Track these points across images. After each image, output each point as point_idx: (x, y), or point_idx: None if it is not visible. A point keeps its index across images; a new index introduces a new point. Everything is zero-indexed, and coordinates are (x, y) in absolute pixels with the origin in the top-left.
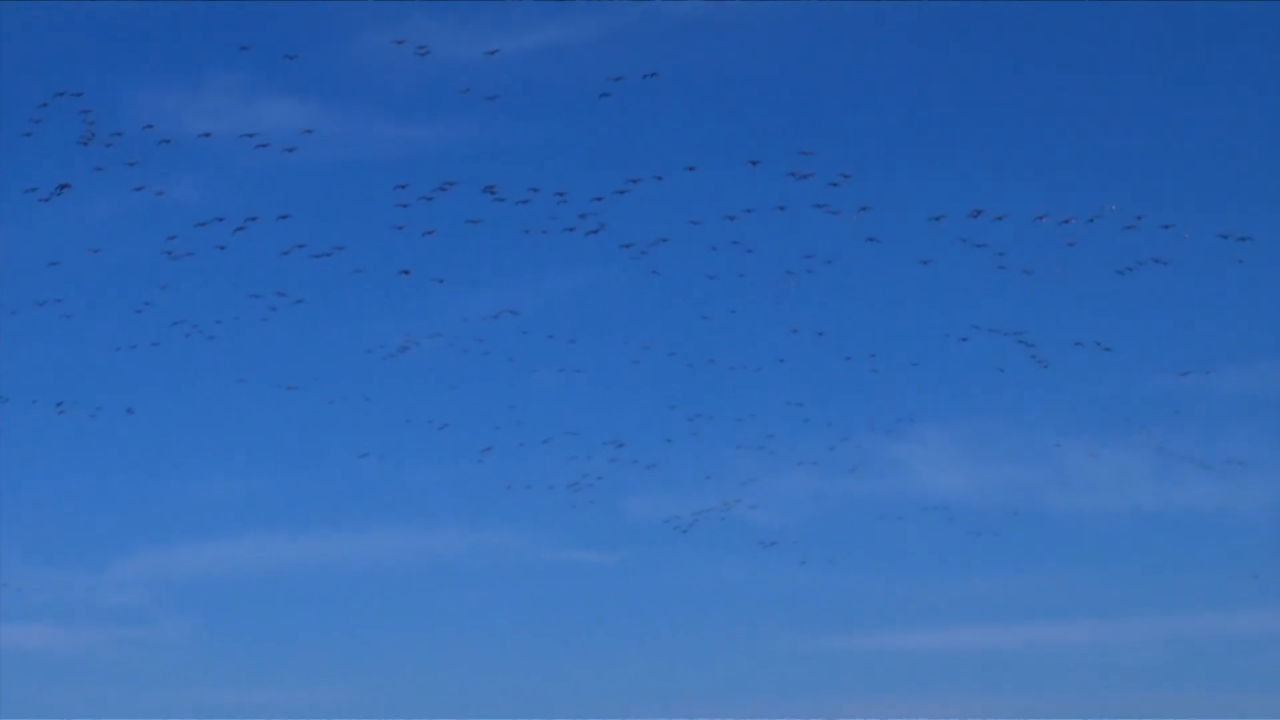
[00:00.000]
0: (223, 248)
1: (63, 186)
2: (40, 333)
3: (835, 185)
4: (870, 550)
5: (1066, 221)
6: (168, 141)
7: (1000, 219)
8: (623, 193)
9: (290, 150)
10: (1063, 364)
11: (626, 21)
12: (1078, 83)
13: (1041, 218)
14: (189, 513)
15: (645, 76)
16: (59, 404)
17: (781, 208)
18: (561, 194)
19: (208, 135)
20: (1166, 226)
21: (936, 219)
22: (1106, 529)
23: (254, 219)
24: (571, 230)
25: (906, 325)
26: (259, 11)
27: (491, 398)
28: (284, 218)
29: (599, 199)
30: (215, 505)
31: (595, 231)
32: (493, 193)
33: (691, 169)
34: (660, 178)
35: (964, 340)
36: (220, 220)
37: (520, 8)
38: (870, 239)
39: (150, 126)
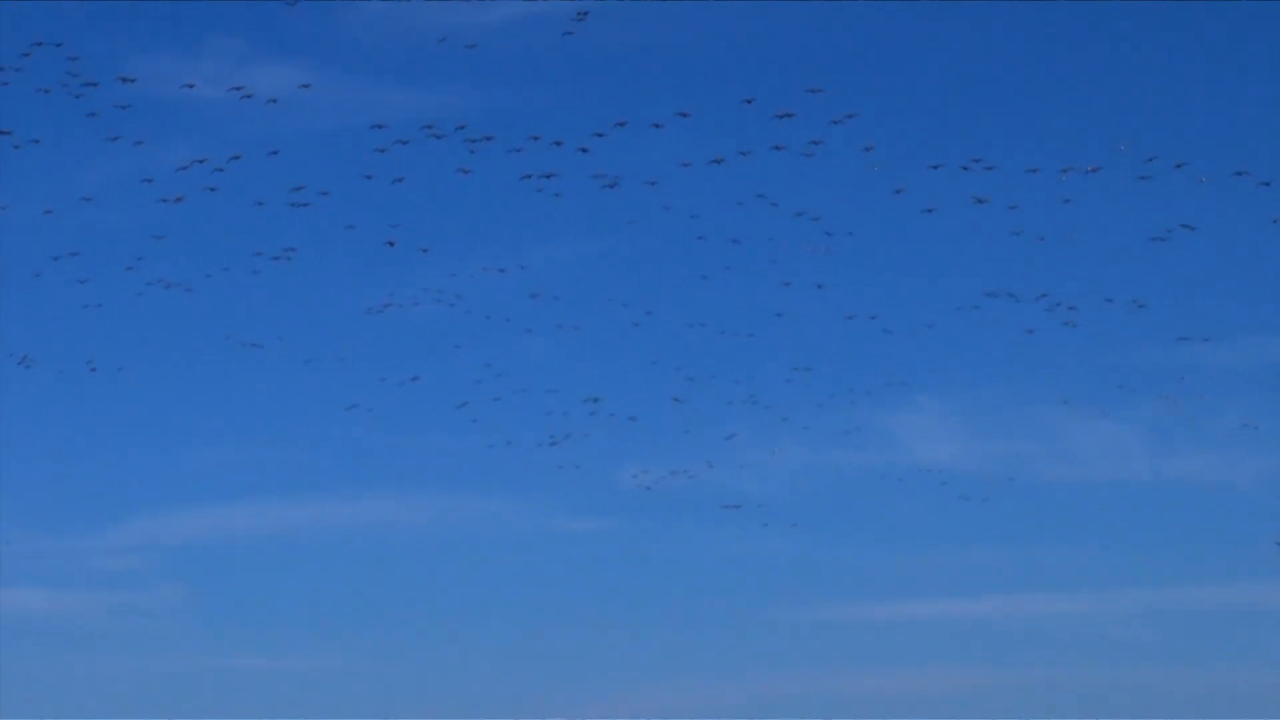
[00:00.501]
0: (213, 189)
1: (2, 133)
2: (32, 294)
3: (837, 123)
4: (862, 520)
5: (1065, 171)
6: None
7: (990, 169)
8: (620, 125)
9: (273, 101)
10: (1060, 332)
11: None
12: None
13: (1033, 170)
14: (183, 479)
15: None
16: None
17: (778, 148)
18: (558, 143)
19: (191, 86)
20: (1179, 165)
21: (935, 167)
22: (1100, 501)
23: (237, 157)
24: (560, 189)
25: (904, 292)
26: None
27: (484, 360)
28: (274, 153)
29: (600, 134)
30: (209, 471)
31: (612, 184)
32: (487, 140)
33: (685, 115)
34: (657, 125)
35: (963, 308)
36: (201, 162)
37: None
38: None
39: (128, 79)
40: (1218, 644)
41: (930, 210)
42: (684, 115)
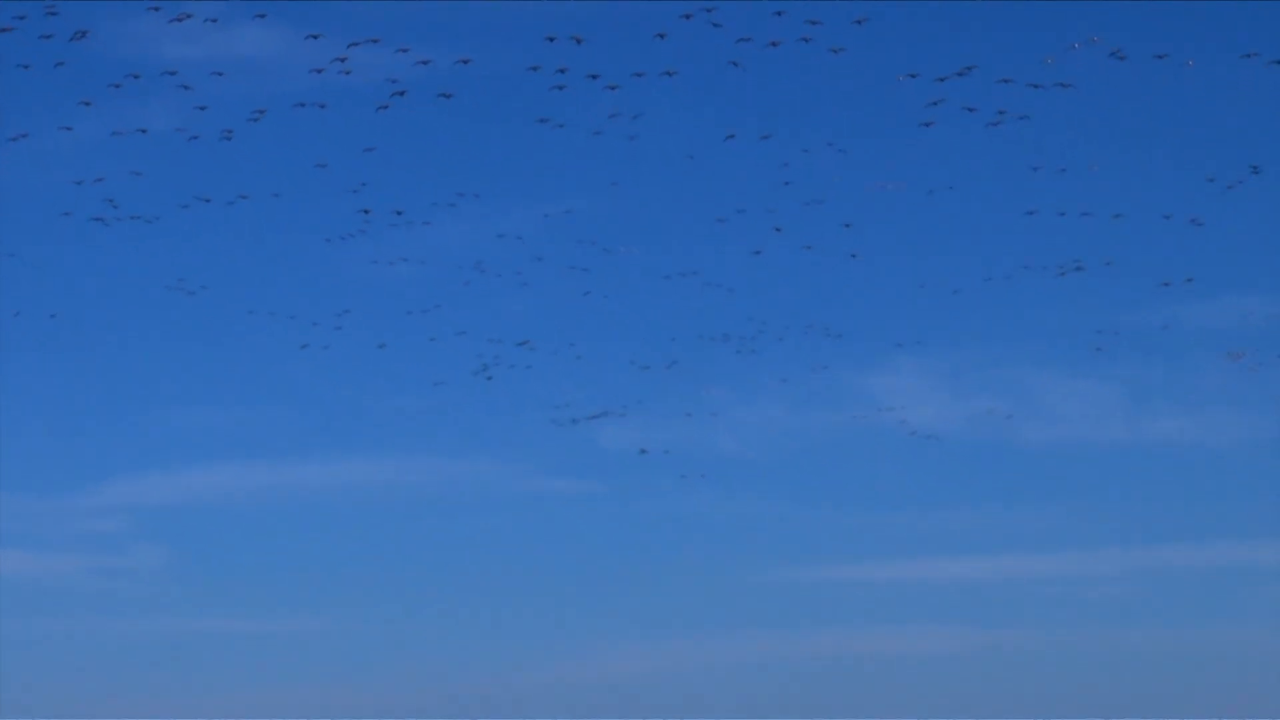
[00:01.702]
0: (229, 135)
1: None
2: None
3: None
4: (843, 480)
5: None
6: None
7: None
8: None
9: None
10: (1040, 293)
11: None
12: None
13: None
14: (164, 441)
15: None
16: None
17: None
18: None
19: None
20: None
21: (935, 104)
22: (1080, 461)
23: (229, 132)
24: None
25: (887, 254)
26: None
27: (462, 319)
28: (259, 114)
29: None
30: (190, 433)
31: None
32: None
33: (671, 73)
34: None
35: (944, 271)
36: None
37: None
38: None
39: (83, 33)
40: (1198, 603)
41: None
42: (660, 36)
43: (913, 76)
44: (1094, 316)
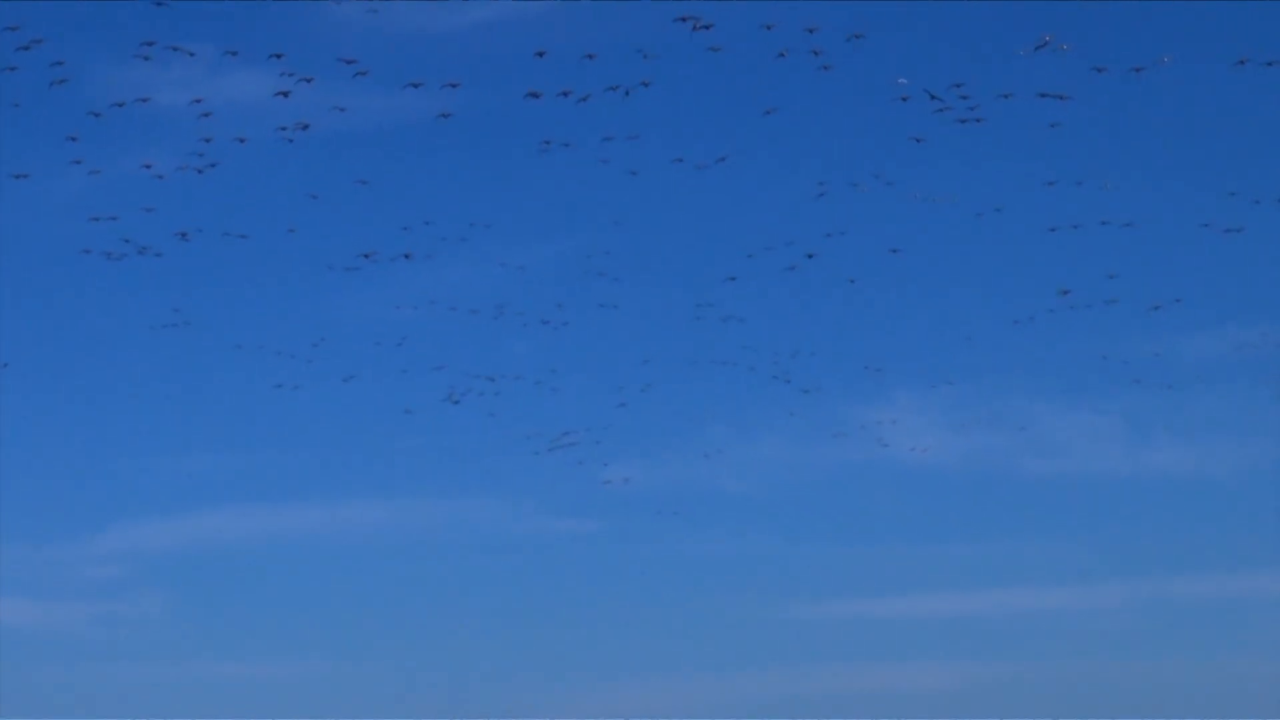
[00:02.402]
0: (208, 167)
1: None
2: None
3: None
4: (843, 516)
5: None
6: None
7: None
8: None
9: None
10: (1036, 326)
11: None
12: None
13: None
14: (164, 487)
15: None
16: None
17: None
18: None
19: (146, 100)
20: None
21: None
22: (1080, 493)
23: (214, 164)
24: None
25: (885, 286)
26: None
27: (465, 359)
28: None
29: (614, 88)
30: (189, 480)
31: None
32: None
33: (645, 84)
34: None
35: (941, 302)
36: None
37: None
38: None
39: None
40: (1200, 635)
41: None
42: (645, 84)
43: (903, 100)
44: (1092, 349)
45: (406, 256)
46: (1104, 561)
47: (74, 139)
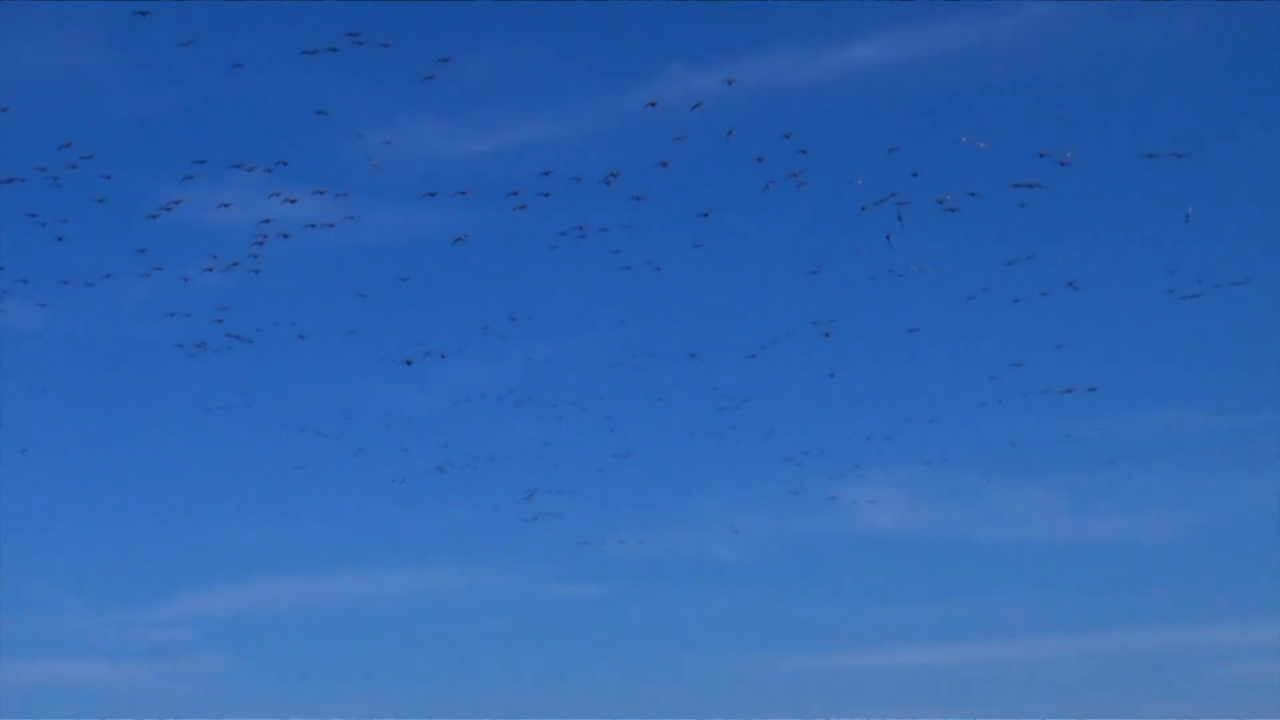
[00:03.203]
0: (256, 270)
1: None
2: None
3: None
4: (820, 579)
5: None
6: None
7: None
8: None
9: (285, 236)
10: (990, 410)
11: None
12: None
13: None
14: (224, 557)
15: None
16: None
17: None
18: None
19: (227, 206)
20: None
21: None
22: (1029, 558)
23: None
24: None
25: (855, 378)
26: (271, 117)
27: (486, 447)
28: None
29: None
30: (247, 550)
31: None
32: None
33: (664, 163)
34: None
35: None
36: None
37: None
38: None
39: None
40: (1136, 682)
41: (863, 207)
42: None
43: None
44: (1041, 431)
45: (442, 355)
46: (1051, 618)
47: (143, 250)
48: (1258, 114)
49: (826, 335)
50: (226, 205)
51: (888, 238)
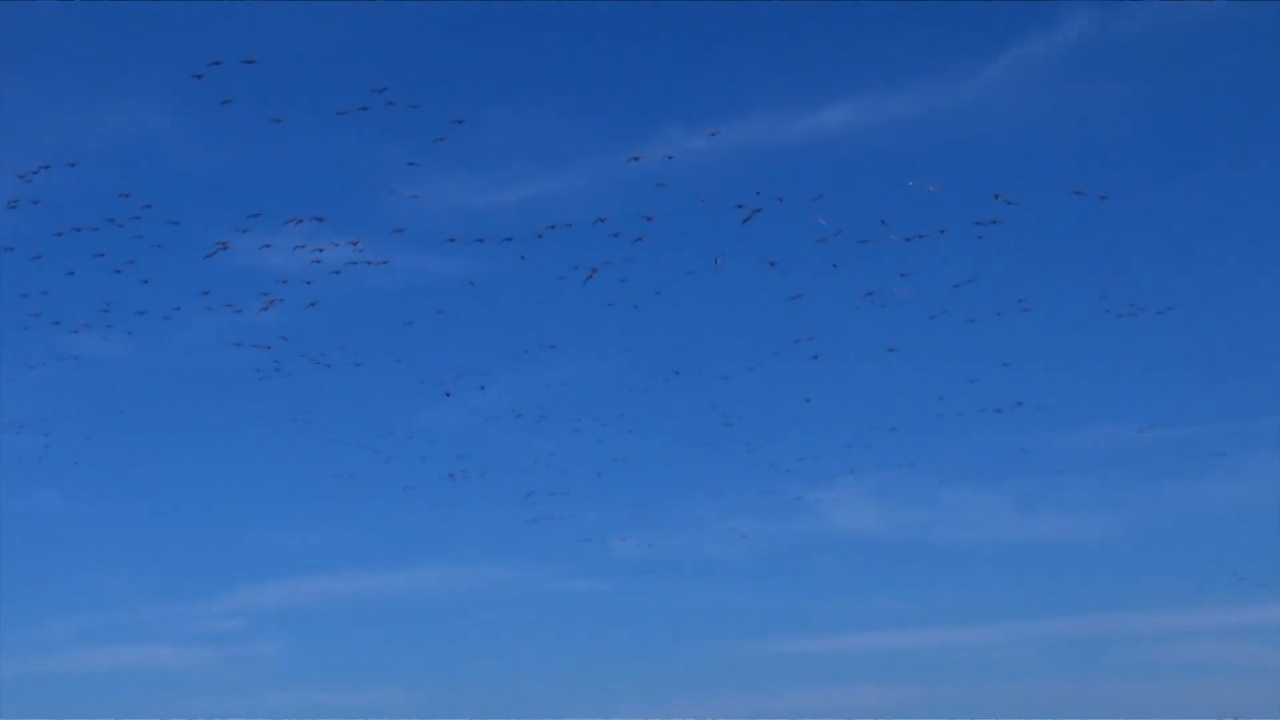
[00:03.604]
0: (312, 303)
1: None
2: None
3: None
4: (801, 575)
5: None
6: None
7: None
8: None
9: (337, 273)
10: (948, 422)
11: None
12: None
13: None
14: (278, 554)
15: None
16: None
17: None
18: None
19: (269, 246)
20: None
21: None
22: (980, 555)
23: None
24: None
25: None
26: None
27: (504, 459)
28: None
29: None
30: (298, 548)
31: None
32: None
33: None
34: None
35: (875, 410)
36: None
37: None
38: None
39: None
40: (1073, 663)
41: (774, 262)
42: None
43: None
44: (991, 444)
45: (482, 388)
46: (1000, 607)
47: (206, 292)
48: (1178, 166)
49: (815, 358)
50: (268, 246)
51: (822, 240)
